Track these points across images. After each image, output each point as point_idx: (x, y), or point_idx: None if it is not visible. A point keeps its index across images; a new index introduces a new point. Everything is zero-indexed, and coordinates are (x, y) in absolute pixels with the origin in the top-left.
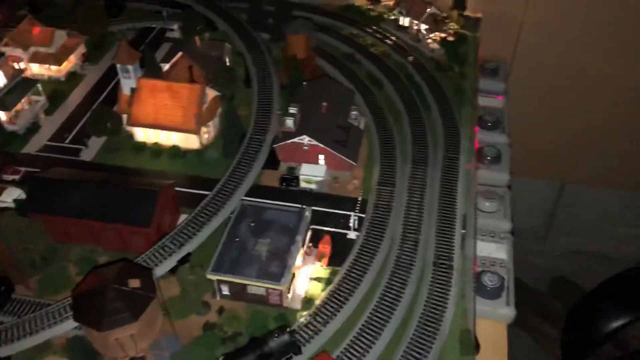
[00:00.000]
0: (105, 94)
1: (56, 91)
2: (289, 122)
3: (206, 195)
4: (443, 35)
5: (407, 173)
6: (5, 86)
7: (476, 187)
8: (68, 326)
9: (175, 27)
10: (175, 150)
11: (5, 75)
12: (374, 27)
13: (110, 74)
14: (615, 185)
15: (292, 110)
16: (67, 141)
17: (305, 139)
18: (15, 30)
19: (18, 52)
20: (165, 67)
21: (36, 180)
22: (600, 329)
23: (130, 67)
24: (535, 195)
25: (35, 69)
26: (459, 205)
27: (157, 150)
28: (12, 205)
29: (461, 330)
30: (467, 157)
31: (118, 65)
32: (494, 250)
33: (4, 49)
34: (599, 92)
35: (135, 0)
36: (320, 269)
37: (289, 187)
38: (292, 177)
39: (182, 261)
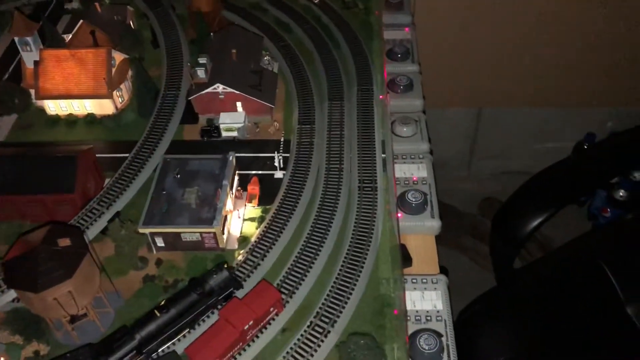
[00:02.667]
0: (8, 72)
1: None
2: (200, 72)
3: (125, 157)
4: None
5: (325, 109)
6: None
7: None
8: (4, 300)
9: None
10: (90, 118)
11: None
12: None
13: (12, 52)
14: (531, 103)
15: (202, 60)
16: None
17: (219, 87)
18: None
19: None
20: (68, 38)
21: None
22: (520, 229)
23: (29, 39)
24: (454, 123)
25: None
26: (376, 132)
27: (72, 120)
28: None
29: (390, 246)
30: (379, 88)
31: (16, 39)
32: (415, 170)
33: None
34: (503, 15)
35: None
36: (252, 210)
37: (210, 139)
38: (212, 128)
39: (113, 221)
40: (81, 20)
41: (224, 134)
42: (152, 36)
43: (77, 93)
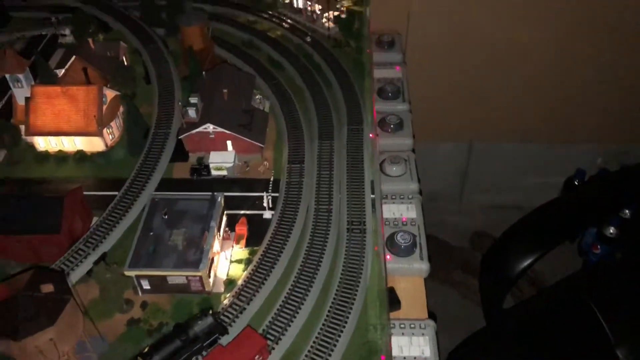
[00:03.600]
0: None
1: None
2: (191, 112)
3: (114, 194)
4: (336, 13)
5: (315, 148)
6: None
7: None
8: None
9: (67, 32)
10: (80, 155)
11: None
12: (270, 12)
13: (3, 87)
14: (521, 139)
15: (193, 100)
16: None
17: (210, 127)
18: None
19: None
20: (61, 72)
21: None
22: (511, 269)
23: (21, 76)
24: (445, 158)
25: None
26: (366, 172)
27: (61, 157)
28: None
29: (378, 289)
30: (369, 127)
31: (7, 76)
32: (404, 211)
33: None
34: (493, 52)
35: (21, 9)
36: (239, 251)
37: (200, 177)
38: (202, 167)
39: (99, 262)
40: (74, 56)
41: (214, 172)
42: (144, 72)
43: (67, 130)
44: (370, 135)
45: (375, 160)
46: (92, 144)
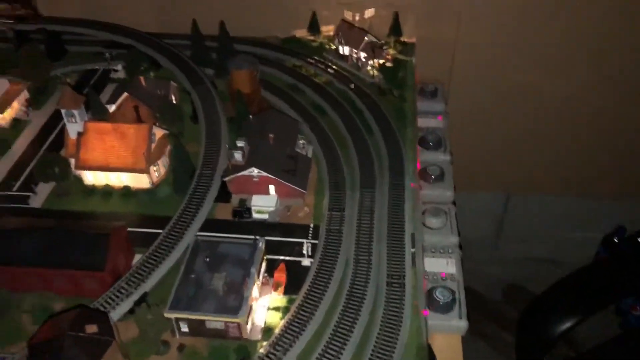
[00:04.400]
0: (51, 138)
1: (1, 140)
2: (237, 156)
3: (159, 233)
4: (381, 61)
5: (355, 197)
6: None
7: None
8: None
9: (119, 67)
10: (126, 191)
11: None
12: (316, 58)
13: (56, 118)
14: (559, 192)
15: (240, 143)
16: (14, 189)
17: (255, 171)
18: None
19: None
20: (112, 108)
21: None
22: (551, 331)
23: (75, 112)
24: (482, 207)
25: None
26: (406, 225)
27: (107, 192)
28: None
29: (417, 346)
30: (411, 177)
31: (63, 111)
32: (443, 266)
33: None
34: (534, 104)
35: (76, 43)
36: (278, 298)
37: (241, 219)
38: (244, 209)
39: (140, 301)
40: (125, 93)
41: (255, 215)
42: (192, 112)
43: (115, 166)
44: (412, 185)
45: (417, 212)
46: (138, 181)
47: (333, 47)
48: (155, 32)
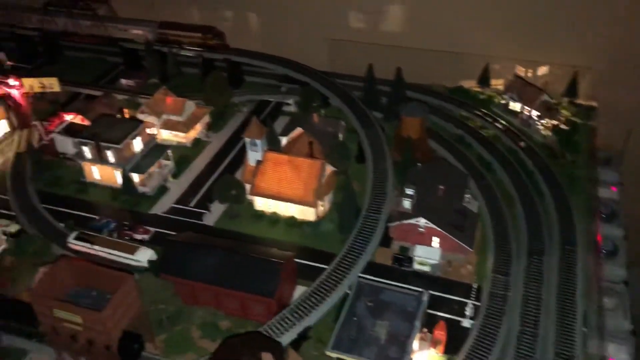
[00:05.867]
0: (226, 162)
1: (182, 157)
2: (406, 203)
3: (321, 268)
4: (555, 122)
5: (522, 262)
6: (141, 151)
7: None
8: None
9: (291, 102)
10: (291, 221)
11: (142, 140)
12: (483, 110)
13: (231, 143)
14: None
15: (409, 191)
16: (191, 205)
17: (422, 221)
18: (151, 99)
19: (152, 119)
20: (283, 140)
21: (170, 244)
22: None
23: (258, 142)
24: None
25: (165, 135)
26: (579, 301)
27: (274, 219)
28: (146, 265)
29: None
30: (586, 249)
31: (247, 139)
32: (615, 352)
33: (140, 116)
34: None
35: (253, 74)
36: (436, 356)
37: (401, 267)
38: (405, 258)
39: (302, 335)
40: (300, 129)
41: (416, 266)
42: (358, 151)
43: (286, 196)
44: (588, 259)
45: (591, 289)
46: (304, 213)
47: (502, 101)
48: (327, 70)
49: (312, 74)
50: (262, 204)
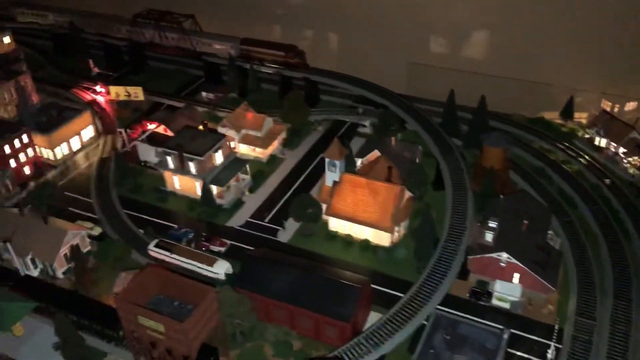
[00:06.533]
0: (301, 179)
1: (259, 172)
2: (488, 236)
3: (393, 295)
4: None
5: (608, 305)
6: (221, 164)
7: None
8: None
9: (367, 123)
10: (365, 244)
11: (223, 153)
12: (566, 144)
13: (305, 162)
14: None
15: (492, 224)
16: (266, 220)
17: (504, 256)
18: (232, 113)
19: (232, 133)
20: (358, 161)
21: (248, 259)
22: None
23: (337, 163)
24: None
25: (243, 150)
26: None
27: (348, 241)
28: (223, 277)
29: None
30: None
31: (327, 160)
32: None
33: (221, 129)
34: None
35: (329, 93)
36: None
37: (478, 301)
38: (483, 292)
39: None
40: (377, 152)
41: (495, 301)
42: (434, 178)
43: (362, 219)
44: None
45: None
46: (379, 238)
47: (587, 135)
48: (404, 94)
49: (391, 96)
50: (336, 225)
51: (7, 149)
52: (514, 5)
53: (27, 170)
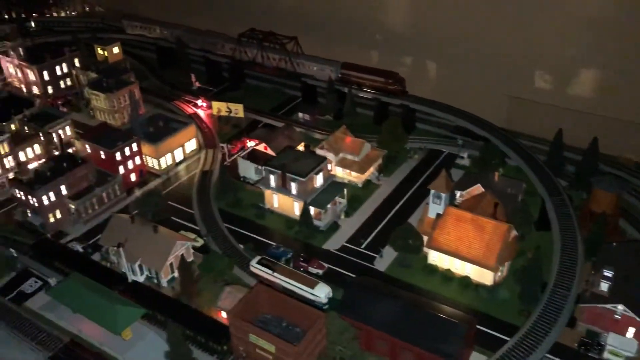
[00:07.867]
0: (396, 208)
1: (354, 196)
2: (604, 286)
3: (496, 336)
4: None
5: None
6: (321, 186)
7: None
8: None
9: (465, 155)
10: (466, 281)
11: (324, 176)
12: None
13: (400, 190)
14: None
15: (607, 273)
16: (362, 246)
17: (620, 308)
18: (331, 136)
19: (330, 155)
20: (457, 194)
21: (352, 286)
22: None
23: (443, 195)
24: None
25: (339, 173)
26: None
27: (447, 276)
28: (324, 301)
29: None
30: None
31: (432, 191)
32: None
33: (319, 152)
34: None
35: (425, 122)
36: None
37: (587, 353)
38: (594, 343)
39: None
40: (479, 186)
41: (607, 355)
42: (538, 217)
43: (464, 255)
44: None
45: None
46: (481, 276)
47: None
48: (504, 127)
49: (492, 129)
50: (436, 258)
51: (117, 156)
52: (628, 47)
53: (133, 177)
